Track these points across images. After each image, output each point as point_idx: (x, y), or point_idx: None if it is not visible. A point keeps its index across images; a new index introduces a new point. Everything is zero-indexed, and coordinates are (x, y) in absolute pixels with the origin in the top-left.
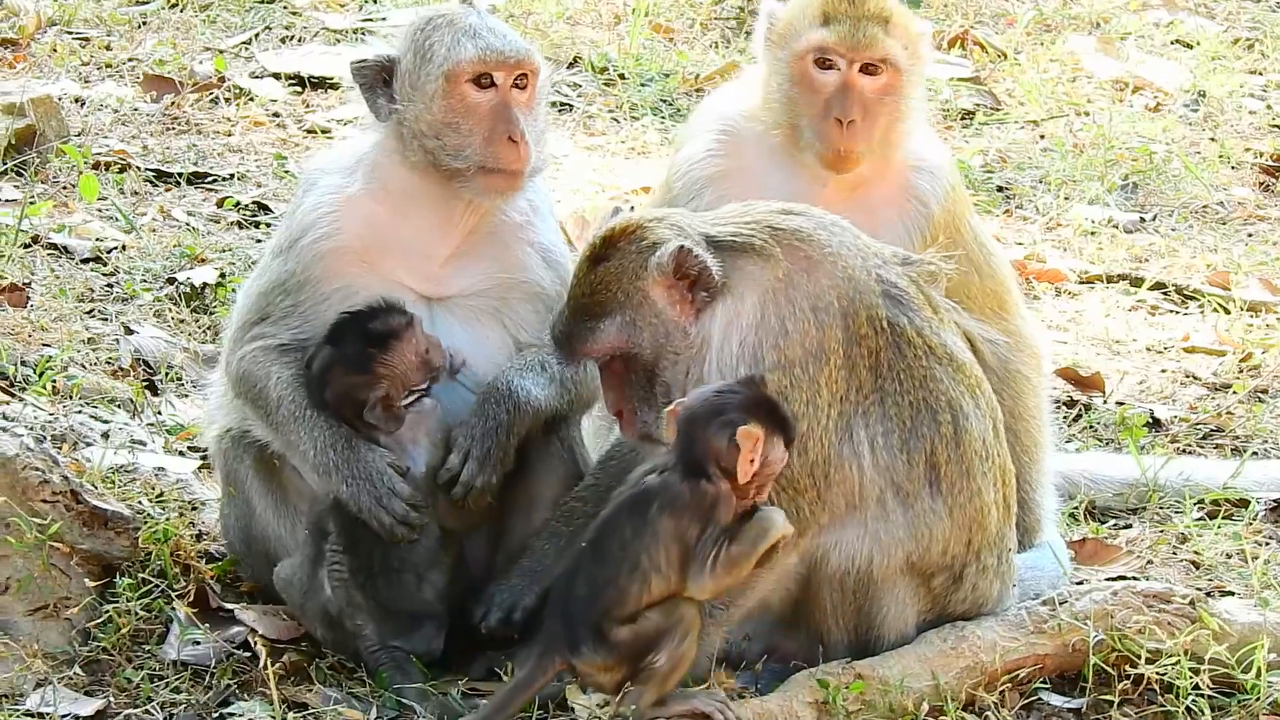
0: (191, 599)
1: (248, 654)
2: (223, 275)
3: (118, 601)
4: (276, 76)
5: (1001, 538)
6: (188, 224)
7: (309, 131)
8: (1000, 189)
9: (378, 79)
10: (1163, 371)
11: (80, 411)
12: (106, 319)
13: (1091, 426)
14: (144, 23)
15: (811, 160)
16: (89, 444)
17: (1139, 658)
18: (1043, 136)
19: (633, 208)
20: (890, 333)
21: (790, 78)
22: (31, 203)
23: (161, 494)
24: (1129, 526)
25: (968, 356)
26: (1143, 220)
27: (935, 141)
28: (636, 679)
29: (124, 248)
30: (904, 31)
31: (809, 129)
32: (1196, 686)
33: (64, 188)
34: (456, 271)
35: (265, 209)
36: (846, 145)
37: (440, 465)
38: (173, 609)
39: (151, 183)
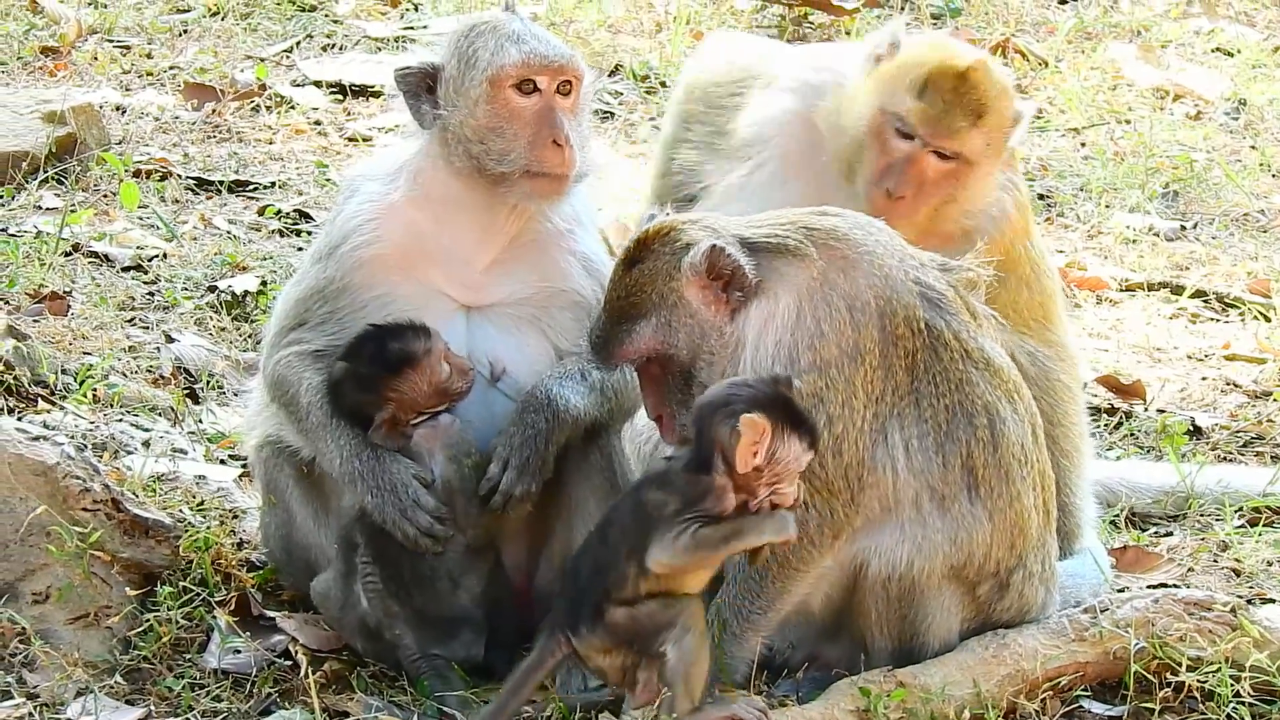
0: (232, 608)
1: (289, 662)
2: (264, 283)
3: (158, 610)
4: (318, 84)
5: (1043, 543)
6: (229, 232)
7: (350, 140)
8: (1041, 197)
9: (421, 86)
10: (1203, 379)
11: (121, 420)
12: (147, 327)
13: (1132, 434)
14: (185, 31)
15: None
16: (130, 452)
17: (1180, 665)
18: (1084, 144)
19: (668, 212)
20: (927, 334)
21: (868, 125)
22: (72, 211)
23: (202, 502)
24: (1170, 534)
25: (1005, 362)
26: (1183, 228)
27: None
28: (642, 669)
29: (165, 256)
30: (997, 122)
31: (861, 181)
32: (1237, 694)
33: (105, 196)
34: (497, 279)
35: (306, 217)
36: (888, 217)
37: (458, 478)
38: (213, 617)
39: (192, 191)
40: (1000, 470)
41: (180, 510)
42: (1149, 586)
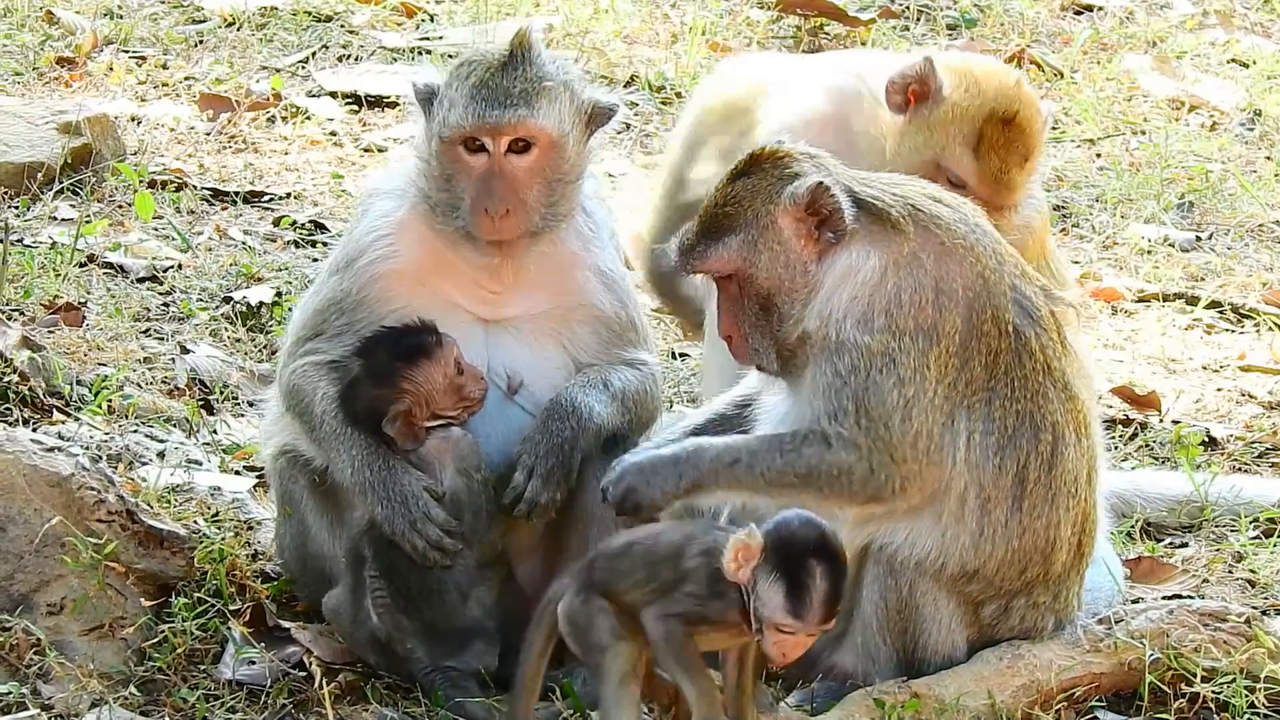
0: (247, 619)
1: (303, 674)
2: (279, 294)
3: (173, 621)
4: (333, 95)
5: (1065, 580)
6: (244, 243)
7: (366, 150)
8: (1057, 208)
9: (425, 103)
10: (1218, 390)
11: (136, 431)
12: (162, 338)
13: (1147, 445)
14: (200, 41)
15: None
16: (144, 463)
17: (1195, 676)
18: (1099, 155)
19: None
20: (1014, 338)
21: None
22: (87, 221)
23: (217, 513)
24: (1185, 545)
25: (1084, 394)
26: (1199, 239)
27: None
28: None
29: (180, 267)
30: (1039, 150)
31: None
32: (1252, 705)
33: (120, 206)
34: (514, 295)
35: (322, 228)
36: None
37: (467, 492)
38: (228, 629)
39: (208, 201)
40: (1049, 492)
41: (195, 521)
42: (1164, 597)
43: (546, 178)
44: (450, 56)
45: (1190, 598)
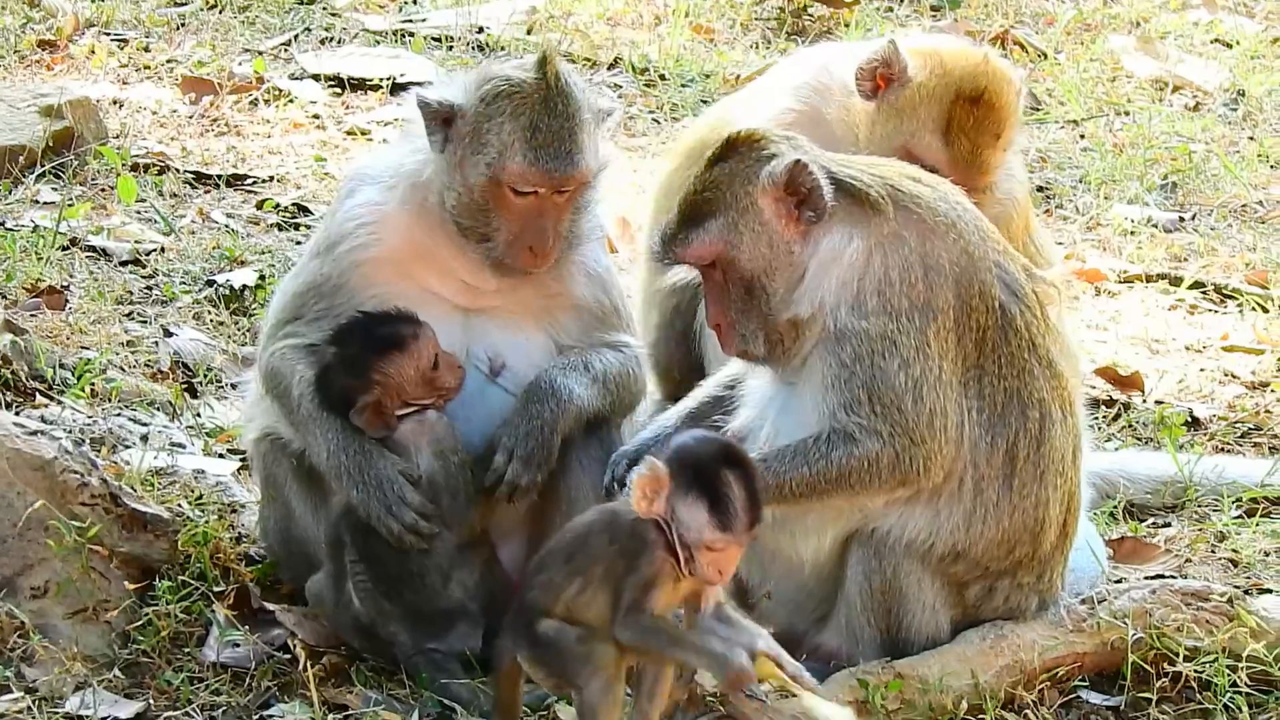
0: (231, 602)
1: (288, 656)
2: (262, 277)
3: (157, 604)
4: (316, 78)
5: (1050, 560)
6: (227, 226)
7: (348, 133)
8: (1040, 189)
9: (438, 119)
10: (1201, 370)
11: (119, 414)
12: (145, 321)
13: (1131, 425)
14: (182, 24)
15: None
16: (128, 446)
17: (1177, 656)
18: (1083, 136)
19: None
20: (1000, 315)
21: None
22: (70, 205)
23: (201, 496)
24: (1167, 525)
25: (1068, 373)
26: (1182, 219)
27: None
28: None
29: (163, 250)
30: (1013, 123)
31: None
32: (1234, 684)
33: (102, 190)
34: (496, 289)
35: (305, 211)
36: None
37: (444, 475)
38: (212, 611)
39: (190, 185)
40: (1037, 470)
41: (179, 504)
42: (1146, 577)
43: (579, 205)
44: (435, 40)
45: (1173, 577)
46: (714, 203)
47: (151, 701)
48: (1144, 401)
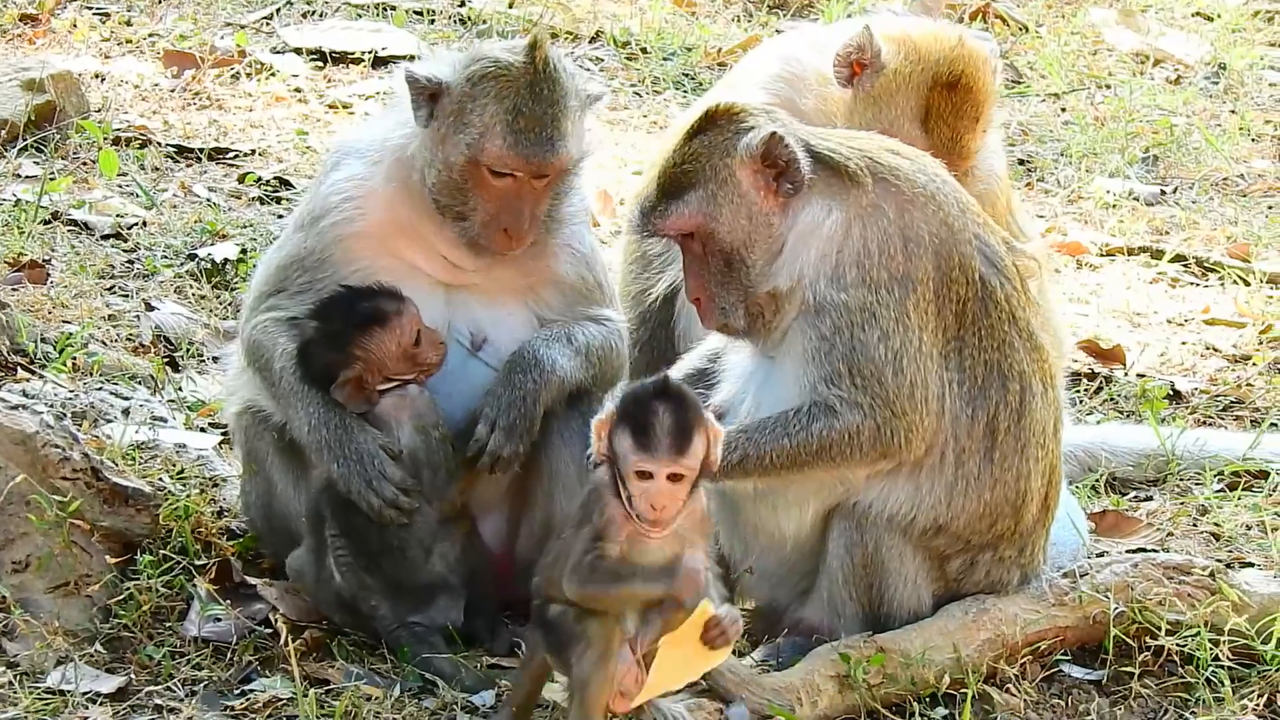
0: (212, 576)
1: (269, 631)
2: (244, 251)
3: (138, 578)
4: (298, 52)
5: (1031, 534)
6: (208, 200)
7: (330, 107)
8: (1022, 162)
9: (425, 94)
10: (1183, 344)
11: (100, 388)
12: (127, 295)
13: (1112, 399)
14: None
15: None
16: (109, 421)
17: (1159, 629)
18: (1064, 110)
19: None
20: (980, 287)
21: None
22: (52, 179)
23: (182, 471)
24: (1149, 499)
25: (1047, 344)
26: (1163, 193)
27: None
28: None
29: (144, 224)
30: (990, 101)
31: None
32: (1216, 658)
33: (84, 164)
34: (476, 270)
35: (286, 184)
36: None
37: (425, 450)
38: (194, 586)
39: (172, 159)
40: (1018, 443)
41: (160, 479)
42: (1128, 551)
43: (559, 190)
44: (417, 13)
45: (1155, 551)
46: (693, 175)
47: (133, 676)
48: (1125, 375)
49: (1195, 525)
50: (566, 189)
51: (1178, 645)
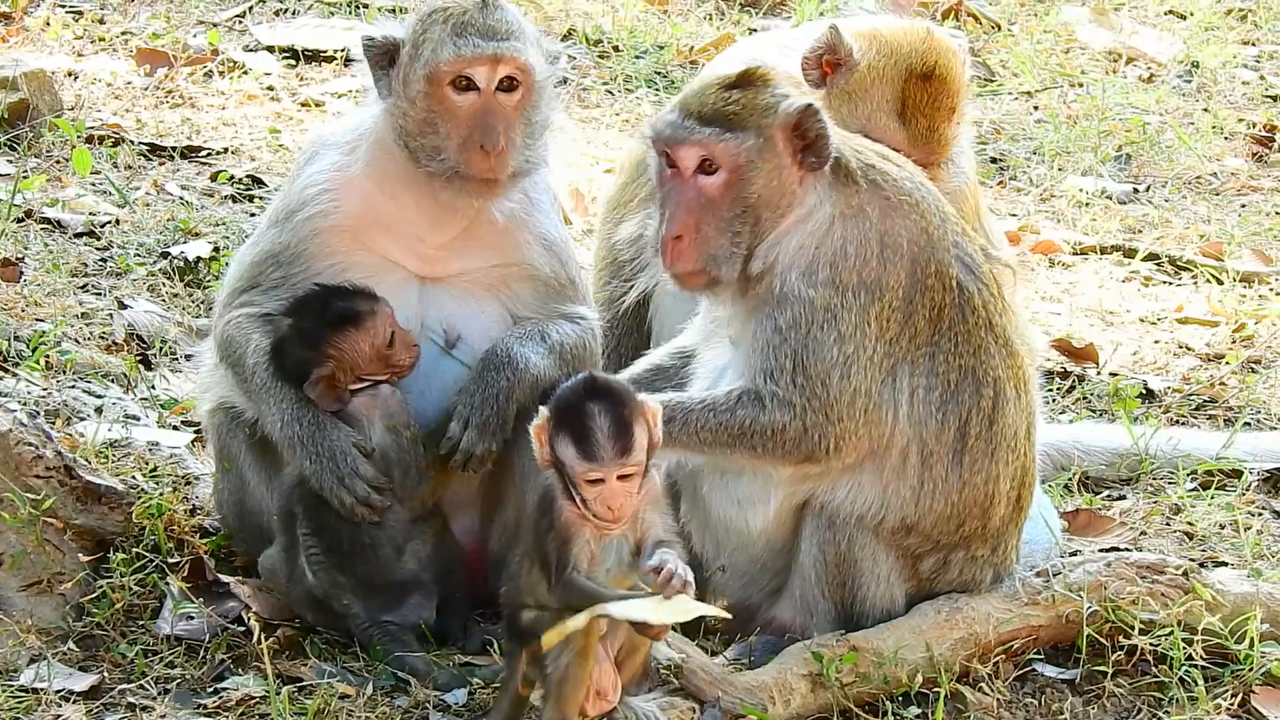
0: (185, 574)
1: (242, 629)
2: (216, 249)
3: (111, 576)
4: (270, 50)
5: (1003, 533)
6: (181, 198)
7: (303, 105)
8: (994, 160)
9: (383, 58)
10: (1156, 343)
11: (74, 386)
12: (100, 293)
13: (1085, 398)
14: None
15: None
16: (82, 419)
17: (1132, 629)
18: (1036, 108)
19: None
20: (958, 293)
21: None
22: (25, 177)
23: (155, 469)
24: (1122, 498)
25: (1023, 351)
26: (1136, 191)
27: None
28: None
29: (117, 222)
30: (964, 93)
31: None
32: (1189, 657)
33: (57, 162)
34: (453, 255)
35: (259, 183)
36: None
37: (396, 449)
38: (167, 584)
39: (145, 157)
40: (989, 447)
41: (133, 477)
42: (1101, 550)
43: (529, 118)
44: (390, 11)
45: (1128, 550)
46: (738, 119)
47: (106, 674)
48: (1098, 374)
49: (1168, 524)
50: (536, 112)
51: (1151, 644)
